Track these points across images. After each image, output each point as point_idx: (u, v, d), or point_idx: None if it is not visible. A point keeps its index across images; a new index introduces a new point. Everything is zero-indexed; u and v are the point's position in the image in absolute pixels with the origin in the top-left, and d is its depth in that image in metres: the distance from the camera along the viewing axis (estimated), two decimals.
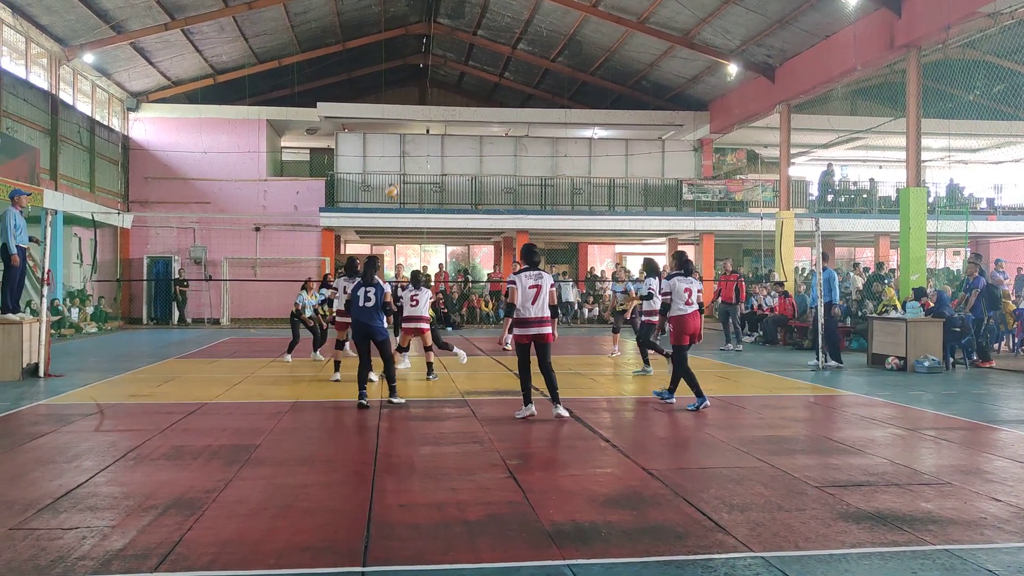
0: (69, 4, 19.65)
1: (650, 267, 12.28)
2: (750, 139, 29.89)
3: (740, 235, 28.64)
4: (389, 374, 9.08)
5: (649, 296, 11.80)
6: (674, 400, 9.18)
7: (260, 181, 27.61)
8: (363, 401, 8.78)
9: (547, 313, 8.18)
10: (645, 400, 9.69)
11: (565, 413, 8.12)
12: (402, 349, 12.55)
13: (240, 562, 4.01)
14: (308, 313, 14.34)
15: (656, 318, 11.78)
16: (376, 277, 8.98)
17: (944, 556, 4.16)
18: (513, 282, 8.23)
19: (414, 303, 11.50)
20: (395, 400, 8.95)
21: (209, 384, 10.89)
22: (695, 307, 9.02)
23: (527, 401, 8.17)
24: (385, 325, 8.97)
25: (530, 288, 8.10)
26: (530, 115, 29.56)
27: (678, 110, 28.97)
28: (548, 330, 8.18)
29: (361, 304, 8.84)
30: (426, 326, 11.63)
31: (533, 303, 8.08)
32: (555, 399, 8.19)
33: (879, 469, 6.05)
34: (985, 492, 5.39)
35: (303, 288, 14.56)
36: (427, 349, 11.67)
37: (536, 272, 8.27)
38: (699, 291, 9.19)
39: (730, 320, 16.99)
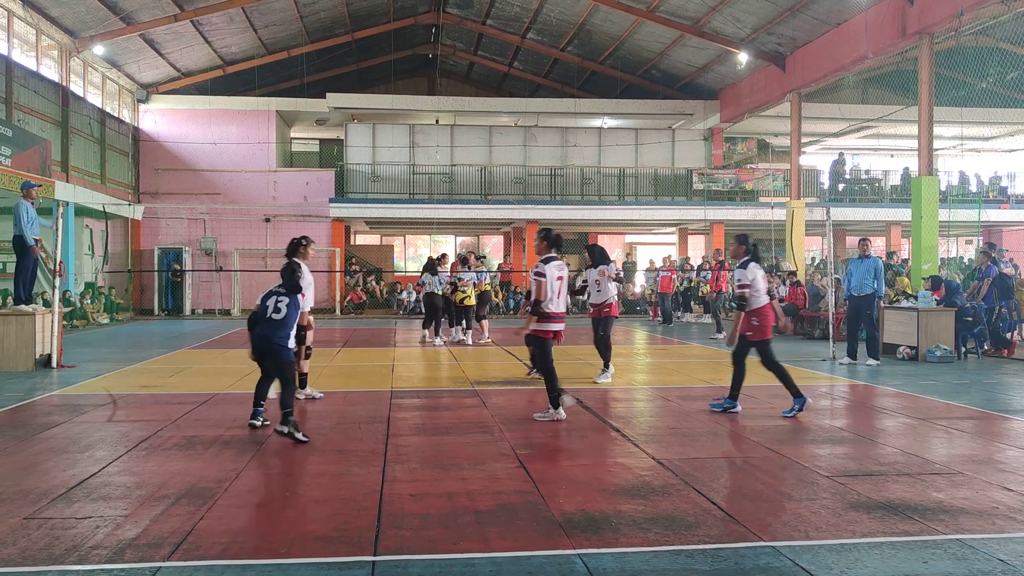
0: None
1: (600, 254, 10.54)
2: (760, 128, 29.75)
3: (751, 224, 28.49)
4: (285, 399, 6.85)
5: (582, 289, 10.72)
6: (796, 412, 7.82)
7: (270, 172, 27.69)
8: (255, 421, 7.19)
9: (563, 308, 7.62)
10: (654, 390, 9.67)
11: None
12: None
13: (251, 551, 4.04)
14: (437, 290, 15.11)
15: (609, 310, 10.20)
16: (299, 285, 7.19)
17: (955, 546, 4.15)
18: (542, 275, 7.36)
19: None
20: (283, 430, 6.66)
21: (220, 374, 10.95)
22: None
23: (558, 404, 7.46)
24: (292, 344, 7.13)
25: (556, 280, 7.46)
26: (539, 105, 29.49)
27: (688, 99, 28.86)
28: (563, 326, 7.62)
29: (268, 315, 7.06)
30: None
31: (559, 296, 7.49)
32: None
33: (890, 459, 6.03)
34: (997, 482, 5.36)
35: (433, 269, 15.12)
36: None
37: (560, 262, 7.61)
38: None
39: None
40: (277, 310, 7.03)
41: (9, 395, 8.98)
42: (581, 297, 11.11)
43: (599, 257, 10.26)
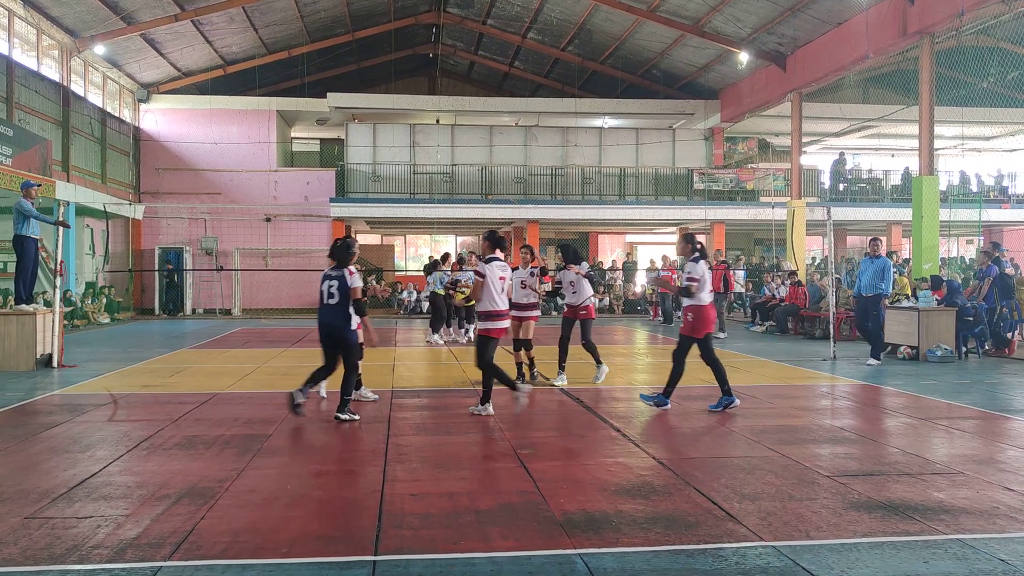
0: None
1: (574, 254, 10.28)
2: (761, 128, 29.74)
3: (751, 224, 28.54)
4: (345, 386, 7.57)
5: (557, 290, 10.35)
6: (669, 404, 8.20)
7: (270, 172, 27.69)
8: (298, 399, 7.44)
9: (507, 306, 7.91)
10: (654, 389, 9.64)
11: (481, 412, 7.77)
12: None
13: (252, 551, 4.04)
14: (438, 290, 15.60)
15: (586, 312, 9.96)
16: (345, 267, 7.54)
17: (956, 546, 4.15)
18: (483, 275, 7.67)
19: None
20: (342, 416, 7.43)
21: (221, 374, 10.95)
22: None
23: (487, 400, 7.80)
24: (354, 326, 7.54)
25: (499, 279, 7.74)
26: (540, 105, 29.47)
27: (689, 99, 28.85)
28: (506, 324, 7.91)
29: (324, 301, 7.50)
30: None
31: (503, 295, 7.78)
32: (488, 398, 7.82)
33: (891, 458, 6.03)
34: (998, 482, 5.36)
35: (431, 270, 15.80)
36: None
37: (503, 263, 7.89)
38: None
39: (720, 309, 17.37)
40: (331, 295, 7.43)
41: (10, 395, 8.98)
42: (557, 299, 11.02)
43: (573, 256, 10.05)
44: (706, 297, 8.04)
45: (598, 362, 10.11)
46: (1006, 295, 14.17)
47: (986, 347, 13.80)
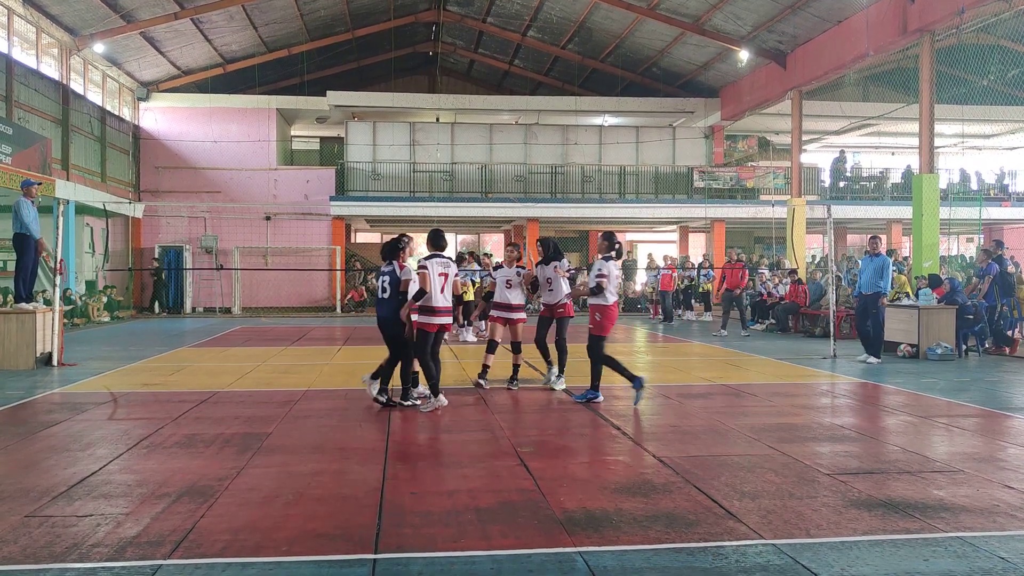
0: None
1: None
2: (761, 126, 29.74)
3: (751, 223, 28.55)
4: (403, 375, 8.17)
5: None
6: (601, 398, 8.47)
7: (270, 170, 27.68)
8: (380, 397, 8.11)
9: (450, 303, 8.06)
10: (654, 388, 9.66)
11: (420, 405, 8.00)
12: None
13: (253, 549, 4.04)
14: None
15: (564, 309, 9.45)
16: (395, 262, 8.11)
17: (956, 543, 4.15)
18: (424, 267, 7.91)
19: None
20: (406, 404, 8.08)
21: (221, 373, 10.95)
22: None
23: (436, 392, 7.94)
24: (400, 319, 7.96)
25: (439, 275, 7.92)
26: (540, 103, 29.48)
27: (689, 97, 28.86)
28: (450, 320, 8.15)
29: (379, 296, 8.11)
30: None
31: (441, 292, 7.91)
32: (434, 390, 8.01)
33: (890, 457, 6.03)
34: (998, 480, 5.36)
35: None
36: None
37: (444, 259, 8.08)
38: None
39: (733, 306, 17.47)
40: (384, 290, 7.96)
41: (10, 393, 8.98)
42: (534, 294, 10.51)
43: (553, 252, 9.45)
44: (611, 296, 8.23)
45: (561, 369, 9.44)
46: (1006, 293, 14.16)
47: (986, 345, 13.80)
